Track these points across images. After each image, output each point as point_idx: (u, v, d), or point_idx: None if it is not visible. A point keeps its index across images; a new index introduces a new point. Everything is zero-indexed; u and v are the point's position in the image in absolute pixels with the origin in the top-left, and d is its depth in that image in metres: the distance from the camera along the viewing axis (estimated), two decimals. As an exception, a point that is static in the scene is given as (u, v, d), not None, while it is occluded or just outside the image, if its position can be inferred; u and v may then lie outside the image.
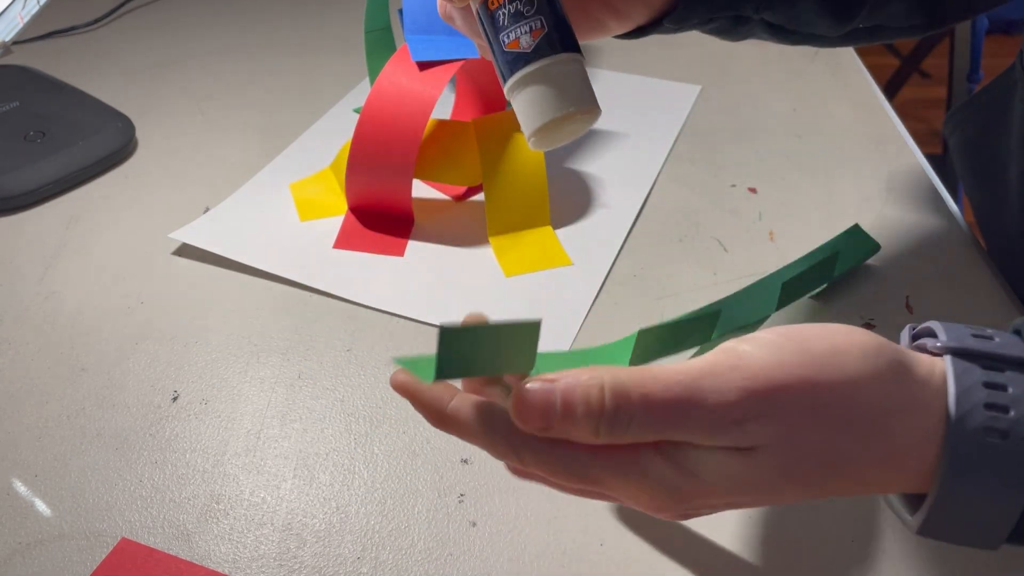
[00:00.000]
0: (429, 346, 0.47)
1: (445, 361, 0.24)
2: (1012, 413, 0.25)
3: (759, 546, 0.38)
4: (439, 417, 0.28)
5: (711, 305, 0.45)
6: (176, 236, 0.55)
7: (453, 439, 0.42)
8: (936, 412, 0.26)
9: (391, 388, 0.28)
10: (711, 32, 0.39)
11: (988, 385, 0.25)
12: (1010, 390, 0.25)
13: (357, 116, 0.53)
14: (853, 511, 0.39)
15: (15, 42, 0.84)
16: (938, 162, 0.66)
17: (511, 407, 0.26)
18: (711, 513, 0.29)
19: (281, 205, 0.59)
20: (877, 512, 0.39)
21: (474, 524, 0.39)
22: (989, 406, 0.25)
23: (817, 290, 0.50)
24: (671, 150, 0.66)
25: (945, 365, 0.26)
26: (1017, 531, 0.26)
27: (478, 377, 0.29)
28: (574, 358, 0.36)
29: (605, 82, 0.76)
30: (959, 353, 0.26)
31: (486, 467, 0.41)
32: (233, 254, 0.54)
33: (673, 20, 0.36)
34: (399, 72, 0.53)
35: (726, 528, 0.38)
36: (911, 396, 0.26)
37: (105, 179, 0.63)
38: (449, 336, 0.23)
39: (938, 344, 0.27)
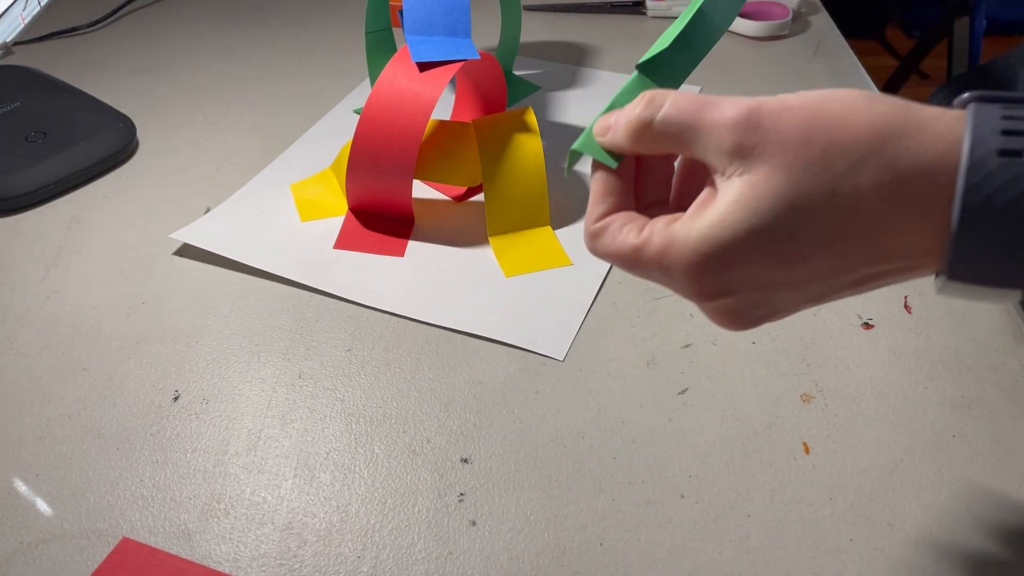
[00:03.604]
0: (429, 346, 0.47)
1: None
2: None
3: (758, 547, 0.38)
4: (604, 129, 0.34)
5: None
6: (177, 236, 0.55)
7: (454, 438, 0.43)
8: (946, 138, 0.24)
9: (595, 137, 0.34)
10: None
11: (1006, 118, 0.24)
12: None
13: (358, 117, 0.53)
14: (850, 511, 0.39)
15: (16, 43, 0.84)
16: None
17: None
18: (754, 300, 0.28)
19: (282, 205, 0.59)
20: (875, 511, 0.39)
21: (474, 523, 0.39)
22: (1006, 132, 0.24)
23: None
24: (671, 151, 0.66)
25: (962, 113, 0.25)
26: None
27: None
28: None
29: (605, 83, 0.76)
30: (979, 99, 0.25)
31: (486, 466, 0.41)
32: (234, 254, 0.54)
33: None
34: (399, 73, 0.53)
35: (725, 528, 0.38)
36: (919, 119, 0.25)
37: (106, 179, 0.64)
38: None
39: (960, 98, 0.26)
